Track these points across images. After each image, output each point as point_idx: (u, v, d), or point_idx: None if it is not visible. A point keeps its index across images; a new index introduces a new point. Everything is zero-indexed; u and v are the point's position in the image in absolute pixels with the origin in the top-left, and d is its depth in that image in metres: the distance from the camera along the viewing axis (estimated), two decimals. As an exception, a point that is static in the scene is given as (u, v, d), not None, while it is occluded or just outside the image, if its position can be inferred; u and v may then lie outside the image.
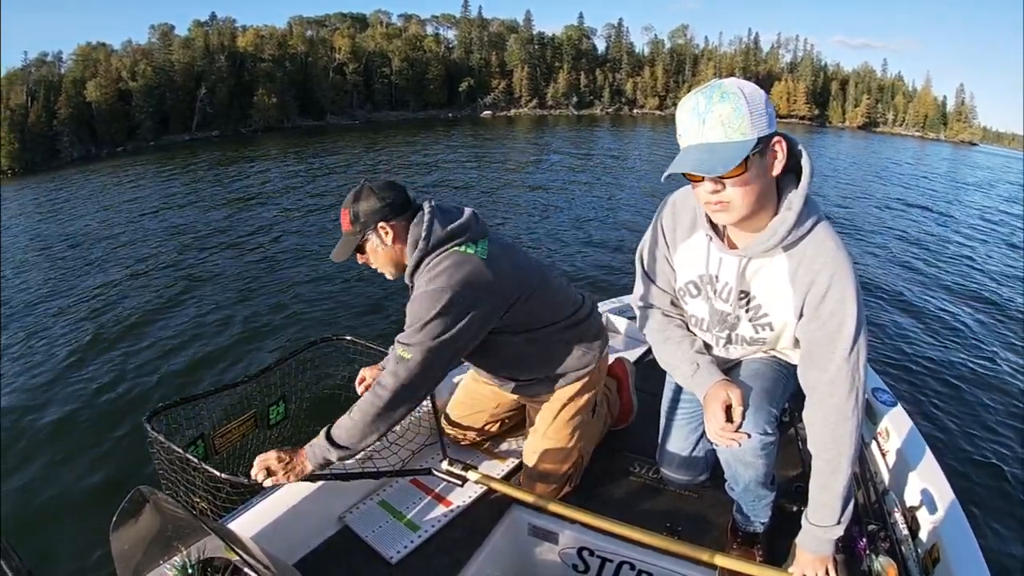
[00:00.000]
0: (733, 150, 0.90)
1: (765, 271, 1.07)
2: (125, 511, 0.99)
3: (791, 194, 1.00)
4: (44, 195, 19.35)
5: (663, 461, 1.52)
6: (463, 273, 1.22)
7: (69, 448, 3.52)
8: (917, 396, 3.95)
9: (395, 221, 1.28)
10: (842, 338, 0.99)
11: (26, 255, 9.75)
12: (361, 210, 1.28)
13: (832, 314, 1.00)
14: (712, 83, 0.93)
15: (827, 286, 0.99)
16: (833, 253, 0.99)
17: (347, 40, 51.73)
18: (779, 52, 64.22)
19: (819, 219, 1.01)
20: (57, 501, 3.01)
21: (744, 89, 0.91)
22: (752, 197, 0.95)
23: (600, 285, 5.99)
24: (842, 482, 1.06)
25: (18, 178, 35.57)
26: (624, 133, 35.14)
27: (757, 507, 1.29)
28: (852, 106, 63.97)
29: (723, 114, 0.90)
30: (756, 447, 1.12)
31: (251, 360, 4.44)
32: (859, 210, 11.73)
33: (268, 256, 7.70)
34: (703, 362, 1.19)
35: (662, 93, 59.84)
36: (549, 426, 1.48)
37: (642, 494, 1.51)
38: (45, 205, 16.73)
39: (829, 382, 1.02)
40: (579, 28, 59.83)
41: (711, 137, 0.91)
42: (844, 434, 1.03)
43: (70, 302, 6.65)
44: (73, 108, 43.73)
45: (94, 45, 48.32)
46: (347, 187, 1.43)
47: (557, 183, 13.56)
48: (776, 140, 0.94)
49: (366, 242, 1.31)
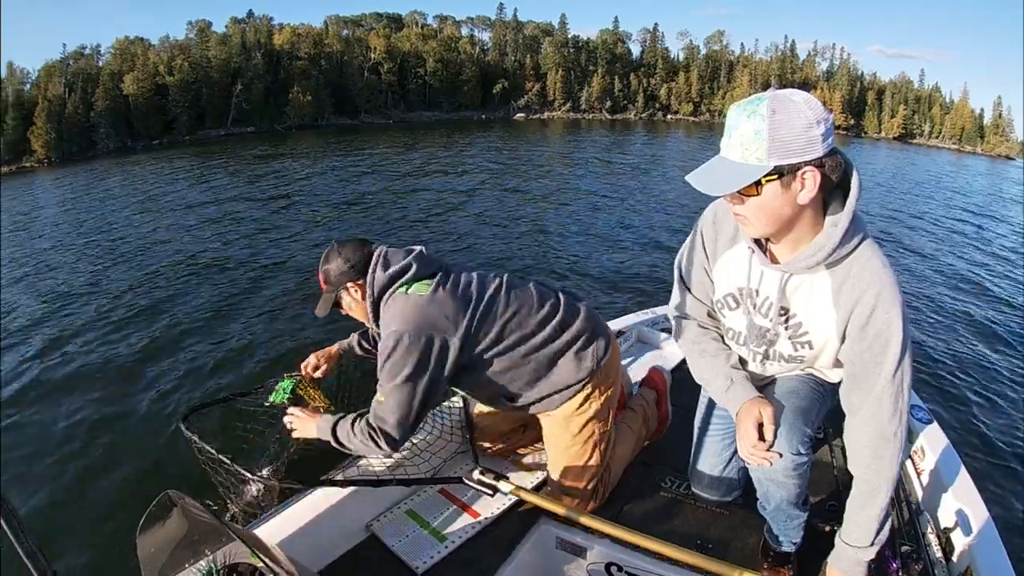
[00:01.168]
0: (741, 173, 0.89)
1: (807, 288, 1.04)
2: (152, 515, 1.00)
3: (838, 212, 0.96)
4: (80, 184, 19.63)
5: (695, 478, 1.49)
6: (406, 314, 1.26)
7: (99, 450, 3.42)
8: (954, 415, 3.84)
9: (361, 279, 1.33)
10: (888, 360, 0.97)
11: (57, 243, 9.81)
12: (331, 272, 1.35)
13: (878, 335, 0.97)
14: (761, 94, 0.91)
15: (872, 306, 0.96)
16: (879, 272, 0.96)
17: (382, 40, 51.94)
18: (815, 60, 63.38)
19: (864, 237, 0.98)
20: (84, 504, 2.94)
21: (777, 111, 0.87)
22: (770, 219, 0.95)
23: (633, 294, 5.90)
24: (880, 504, 1.04)
25: (54, 167, 36.69)
26: (658, 139, 34.67)
27: (789, 527, 1.25)
28: (888, 117, 62.92)
29: (744, 135, 0.89)
30: (788, 467, 1.11)
31: (287, 357, 4.32)
32: (896, 223, 11.42)
33: (302, 254, 7.58)
34: (737, 378, 1.18)
35: (696, 99, 59.05)
36: (562, 441, 1.45)
37: (673, 510, 1.47)
38: (80, 194, 16.99)
39: (873, 404, 1.00)
40: (614, 32, 59.38)
41: (730, 154, 0.92)
42: (885, 456, 1.01)
43: (104, 290, 6.64)
44: (110, 101, 44.03)
45: (132, 39, 48.50)
46: (382, 187, 6.54)
47: (590, 188, 13.37)
48: (806, 171, 0.90)
49: (341, 299, 1.38)
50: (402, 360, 1.22)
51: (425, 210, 10.60)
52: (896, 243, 9.47)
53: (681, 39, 71.23)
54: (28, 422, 3.88)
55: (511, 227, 9.23)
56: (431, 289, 1.28)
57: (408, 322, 1.24)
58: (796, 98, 0.89)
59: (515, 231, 8.98)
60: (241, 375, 4.24)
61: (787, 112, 0.87)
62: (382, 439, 1.27)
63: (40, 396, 4.24)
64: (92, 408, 3.97)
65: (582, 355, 1.39)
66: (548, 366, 1.38)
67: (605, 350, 1.42)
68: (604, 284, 6.37)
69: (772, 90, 0.90)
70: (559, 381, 1.39)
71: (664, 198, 12.37)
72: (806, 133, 0.87)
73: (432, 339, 1.24)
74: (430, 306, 1.26)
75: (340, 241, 1.37)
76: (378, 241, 1.42)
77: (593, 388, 1.41)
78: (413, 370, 1.23)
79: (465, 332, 1.28)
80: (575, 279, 6.52)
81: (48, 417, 3.90)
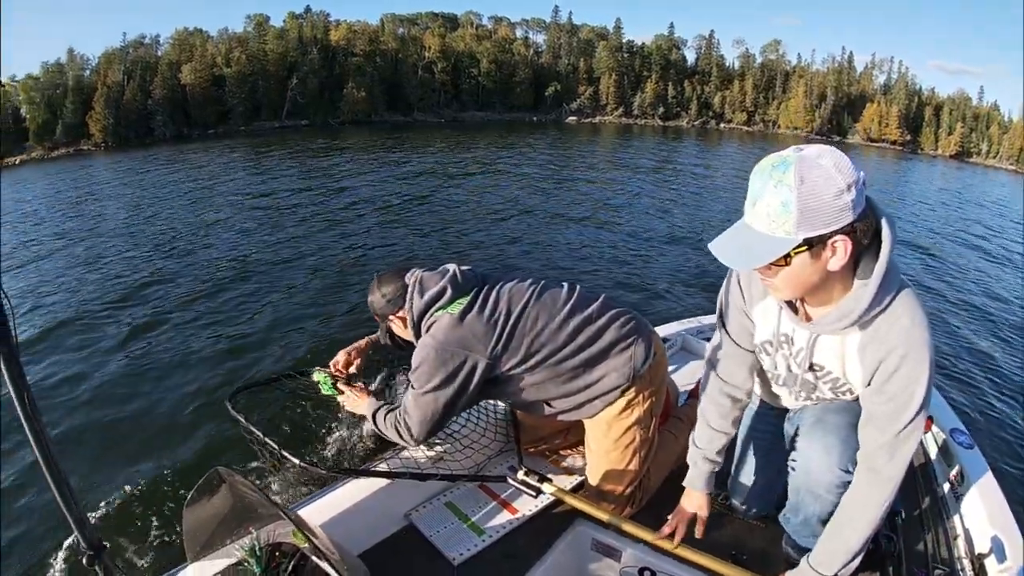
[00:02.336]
0: (769, 246, 0.86)
1: (837, 346, 1.03)
2: (201, 489, 1.03)
3: (869, 270, 0.92)
4: (138, 168, 20.45)
5: (734, 489, 1.47)
6: (436, 332, 1.32)
7: (149, 425, 3.46)
8: (998, 441, 3.79)
9: (401, 311, 1.40)
10: (901, 419, 0.96)
11: (112, 225, 9.98)
12: (375, 306, 1.43)
13: (897, 393, 0.96)
14: (786, 157, 0.84)
15: (896, 366, 0.95)
16: (907, 332, 0.93)
17: (437, 39, 51.66)
18: (873, 73, 61.82)
19: (898, 292, 0.94)
20: (132, 475, 2.93)
21: (805, 180, 0.81)
22: (799, 287, 0.93)
23: (684, 299, 5.88)
24: (854, 538, 1.04)
25: (111, 151, 37.46)
26: (711, 148, 33.36)
27: (811, 543, 1.19)
28: (945, 134, 61.15)
29: (771, 206, 0.84)
30: (833, 482, 1.10)
31: (329, 343, 4.29)
32: (946, 245, 10.88)
33: (355, 246, 7.54)
34: (704, 468, 1.27)
35: (751, 108, 57.77)
36: (602, 446, 1.46)
37: (710, 519, 1.41)
38: (135, 177, 17.64)
39: (878, 448, 1.00)
40: (669, 38, 58.36)
41: (756, 224, 0.87)
42: (874, 498, 1.01)
43: (161, 272, 6.72)
44: (168, 90, 44.07)
45: (191, 31, 48.60)
46: (434, 184, 6.47)
47: (644, 193, 13.30)
48: (837, 239, 0.85)
49: (390, 328, 1.46)
50: (429, 373, 1.31)
51: (476, 210, 10.49)
52: (940, 264, 9.18)
53: (737, 47, 69.35)
54: (80, 393, 3.88)
55: (563, 228, 9.21)
56: (462, 309, 1.33)
57: (438, 339, 1.30)
58: (825, 162, 0.82)
59: (568, 234, 8.89)
60: (287, 359, 4.21)
61: (815, 180, 0.81)
62: (406, 433, 1.37)
63: (92, 368, 4.26)
64: (143, 383, 3.98)
65: (620, 361, 1.39)
66: (584, 374, 1.38)
67: (645, 355, 1.41)
68: (653, 290, 6.31)
69: (797, 150, 0.83)
70: (597, 388, 1.40)
71: (719, 207, 12.15)
72: (836, 202, 0.82)
73: (459, 356, 1.30)
74: (459, 327, 1.31)
75: (379, 274, 1.44)
76: (418, 260, 1.14)
77: (636, 393, 1.41)
78: (438, 384, 1.31)
79: (492, 351, 1.32)
80: (624, 281, 6.47)
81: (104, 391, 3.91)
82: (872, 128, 58.84)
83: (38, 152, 40.61)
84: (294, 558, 1.02)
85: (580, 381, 1.38)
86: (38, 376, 4.18)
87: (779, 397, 1.26)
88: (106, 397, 3.88)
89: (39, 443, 0.77)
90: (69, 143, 41.20)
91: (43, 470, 0.77)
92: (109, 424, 3.54)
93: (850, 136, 57.85)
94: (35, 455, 0.77)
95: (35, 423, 0.76)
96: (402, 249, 7.61)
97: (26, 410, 0.74)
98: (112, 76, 44.31)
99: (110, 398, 3.87)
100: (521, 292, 1.38)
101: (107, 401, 3.83)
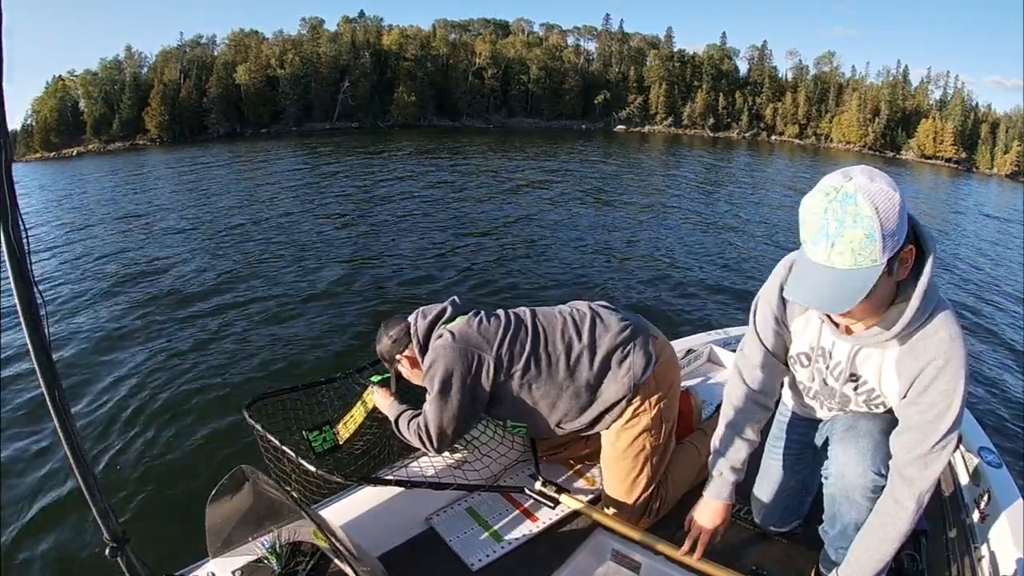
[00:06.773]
0: (863, 280, 0.85)
1: (877, 358, 1.04)
2: (224, 487, 1.04)
3: (912, 283, 0.93)
4: (194, 163, 20.95)
5: (756, 504, 1.44)
6: (445, 337, 1.36)
7: (177, 422, 3.42)
8: None
9: (408, 349, 1.43)
10: (939, 429, 0.97)
11: (163, 220, 10.07)
12: (383, 351, 1.46)
13: (936, 402, 0.96)
14: (845, 190, 0.83)
15: (933, 377, 0.96)
16: (945, 345, 0.94)
17: (488, 45, 51.47)
18: (928, 87, 60.18)
19: (937, 308, 0.96)
20: (157, 471, 2.96)
21: (879, 207, 0.82)
22: (878, 309, 0.94)
23: (718, 309, 5.65)
24: (885, 549, 1.04)
25: (166, 147, 37.78)
26: (763, 160, 31.98)
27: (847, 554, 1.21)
28: (1001, 152, 59.13)
29: (855, 240, 0.83)
30: (867, 487, 1.09)
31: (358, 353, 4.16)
32: (993, 269, 10.21)
33: (400, 254, 7.41)
34: (729, 477, 1.23)
35: (803, 121, 56.38)
36: (612, 455, 1.47)
37: (731, 534, 1.41)
38: (189, 172, 18.02)
39: (913, 459, 1.00)
40: (721, 48, 57.60)
41: (838, 263, 0.85)
42: (905, 507, 1.01)
43: (208, 267, 6.79)
44: (222, 89, 44.15)
45: (247, 32, 48.87)
46: (481, 191, 6.00)
47: (691, 206, 12.89)
48: (906, 251, 0.87)
49: (399, 371, 1.48)
50: (440, 371, 1.32)
51: (519, 216, 10.21)
52: (986, 286, 8.60)
53: (790, 58, 68.15)
54: (110, 387, 3.88)
55: (607, 236, 8.98)
56: (467, 318, 1.40)
57: (447, 340, 1.34)
58: (879, 182, 0.83)
59: (612, 242, 8.61)
60: (305, 367, 4.08)
61: (885, 203, 0.82)
62: (427, 440, 1.37)
63: (123, 361, 4.28)
64: (175, 376, 3.97)
65: (619, 373, 1.39)
66: (588, 391, 1.40)
67: (645, 362, 1.40)
68: (695, 298, 6.19)
69: (846, 179, 0.83)
70: (603, 402, 1.40)
71: (765, 221, 11.69)
72: (902, 214, 0.84)
73: (467, 354, 1.33)
74: (467, 329, 1.36)
75: (385, 322, 1.46)
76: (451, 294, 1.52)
77: (642, 401, 1.40)
78: (450, 382, 1.32)
79: (497, 352, 1.35)
80: (657, 289, 6.37)
81: (133, 384, 3.90)
82: (926, 145, 56.97)
83: (95, 145, 40.66)
84: (314, 557, 1.07)
85: (585, 398, 1.39)
86: (66, 363, 4.18)
87: (810, 408, 1.24)
88: (138, 387, 3.85)
89: (66, 432, 0.74)
90: (125, 137, 41.29)
91: (70, 460, 0.76)
92: (134, 415, 3.50)
93: (904, 152, 56.13)
94: (62, 446, 0.75)
95: (63, 414, 0.74)
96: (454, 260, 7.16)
97: (55, 400, 0.72)
98: (169, 74, 44.58)
99: (140, 388, 3.84)
100: (517, 316, 1.43)
101: (139, 391, 3.80)
